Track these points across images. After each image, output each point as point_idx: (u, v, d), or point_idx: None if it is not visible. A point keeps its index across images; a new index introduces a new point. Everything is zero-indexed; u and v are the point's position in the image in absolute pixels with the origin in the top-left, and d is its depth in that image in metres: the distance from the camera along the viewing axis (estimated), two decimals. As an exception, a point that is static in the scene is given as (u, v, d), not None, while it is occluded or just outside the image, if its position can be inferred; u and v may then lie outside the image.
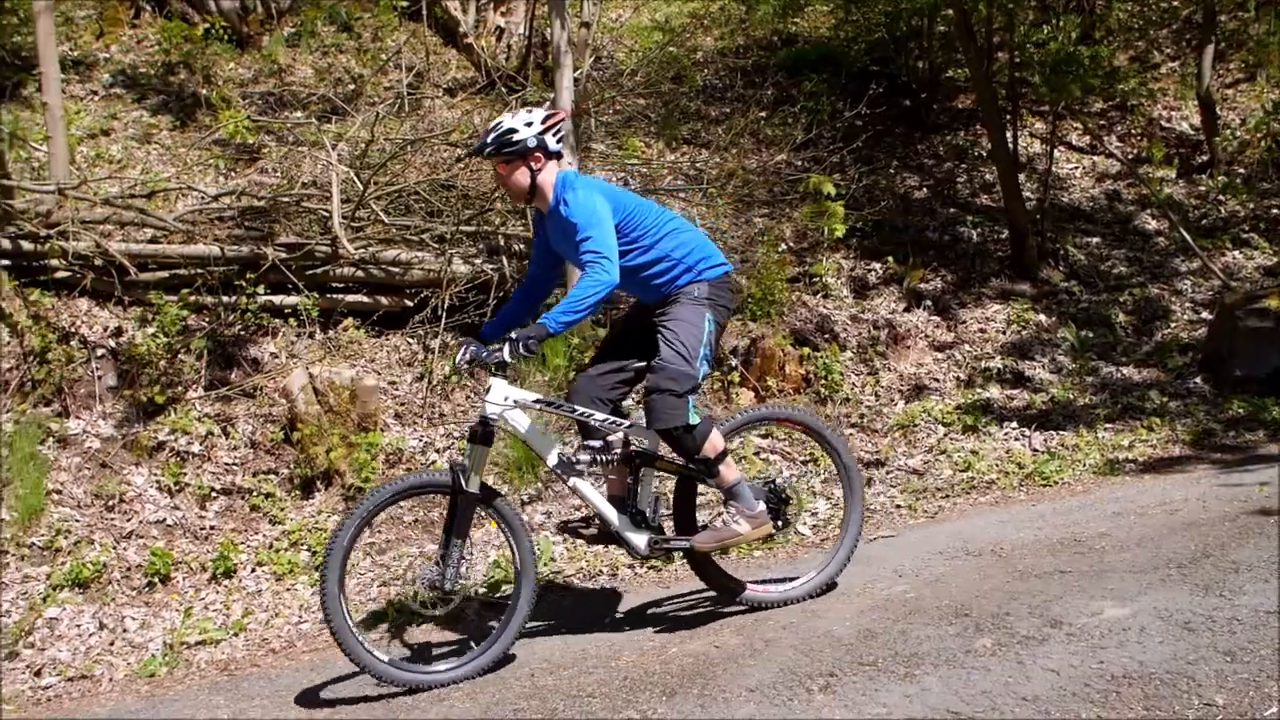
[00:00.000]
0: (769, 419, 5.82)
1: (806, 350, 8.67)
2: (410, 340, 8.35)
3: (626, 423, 5.13)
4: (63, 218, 7.97)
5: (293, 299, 8.14)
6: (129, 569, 6.66)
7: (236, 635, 6.17)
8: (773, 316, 8.83)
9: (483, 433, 4.87)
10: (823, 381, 8.56)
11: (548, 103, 8.96)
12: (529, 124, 4.96)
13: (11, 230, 7.98)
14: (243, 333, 8.08)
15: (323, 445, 7.19)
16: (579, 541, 6.21)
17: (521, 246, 8.59)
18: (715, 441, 5.00)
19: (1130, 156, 12.04)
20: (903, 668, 4.20)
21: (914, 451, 8.12)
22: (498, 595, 6.09)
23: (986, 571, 5.46)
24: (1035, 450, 8.09)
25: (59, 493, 7.00)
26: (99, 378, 7.68)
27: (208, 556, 6.75)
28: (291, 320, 8.16)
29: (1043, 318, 9.82)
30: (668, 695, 4.29)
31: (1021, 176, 11.02)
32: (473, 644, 5.02)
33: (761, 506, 5.12)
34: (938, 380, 9.01)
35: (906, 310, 9.70)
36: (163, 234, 8.30)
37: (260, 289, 8.04)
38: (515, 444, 7.35)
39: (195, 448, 7.43)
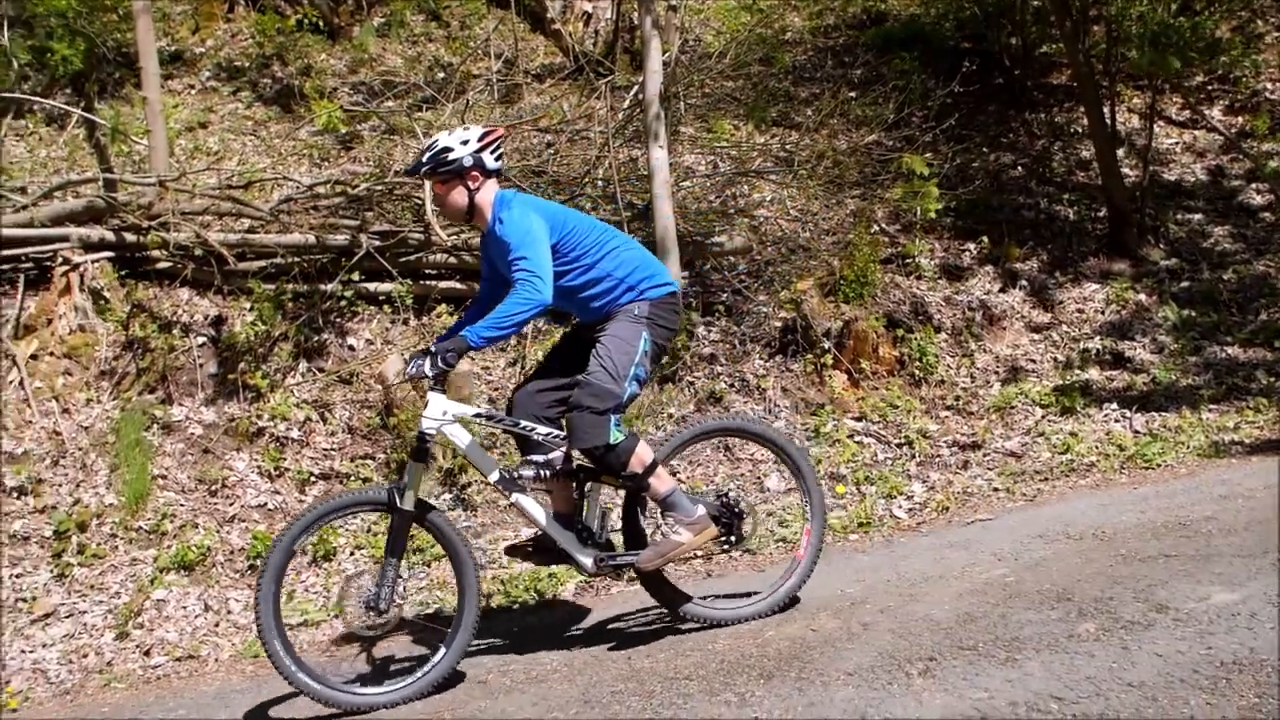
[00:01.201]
0: (712, 432, 5.55)
1: (900, 332, 8.57)
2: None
3: (564, 437, 5.00)
4: (163, 209, 8.13)
5: (387, 286, 8.23)
6: (232, 552, 6.79)
7: (337, 617, 6.26)
8: (865, 299, 8.74)
9: (418, 449, 4.79)
10: (917, 364, 8.47)
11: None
12: (465, 142, 4.87)
13: (115, 222, 8.16)
14: (338, 320, 8.18)
15: (418, 430, 7.25)
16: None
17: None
18: (642, 455, 4.85)
19: (1233, 130, 11.73)
20: (1004, 652, 4.14)
21: (1011, 434, 8.00)
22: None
23: (1088, 555, 5.37)
24: (1137, 432, 7.93)
25: (164, 478, 7.15)
26: (200, 365, 7.83)
27: (307, 540, 6.84)
28: (386, 307, 8.25)
29: (1143, 297, 9.61)
30: (765, 678, 4.26)
31: (1120, 152, 10.79)
32: (419, 664, 4.93)
33: (700, 510, 4.96)
34: (1034, 362, 8.86)
35: (1002, 291, 9.55)
36: (259, 224, 8.43)
37: (355, 276, 8.14)
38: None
39: (294, 433, 7.55)
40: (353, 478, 7.31)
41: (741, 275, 8.97)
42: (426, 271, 8.43)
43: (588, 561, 4.93)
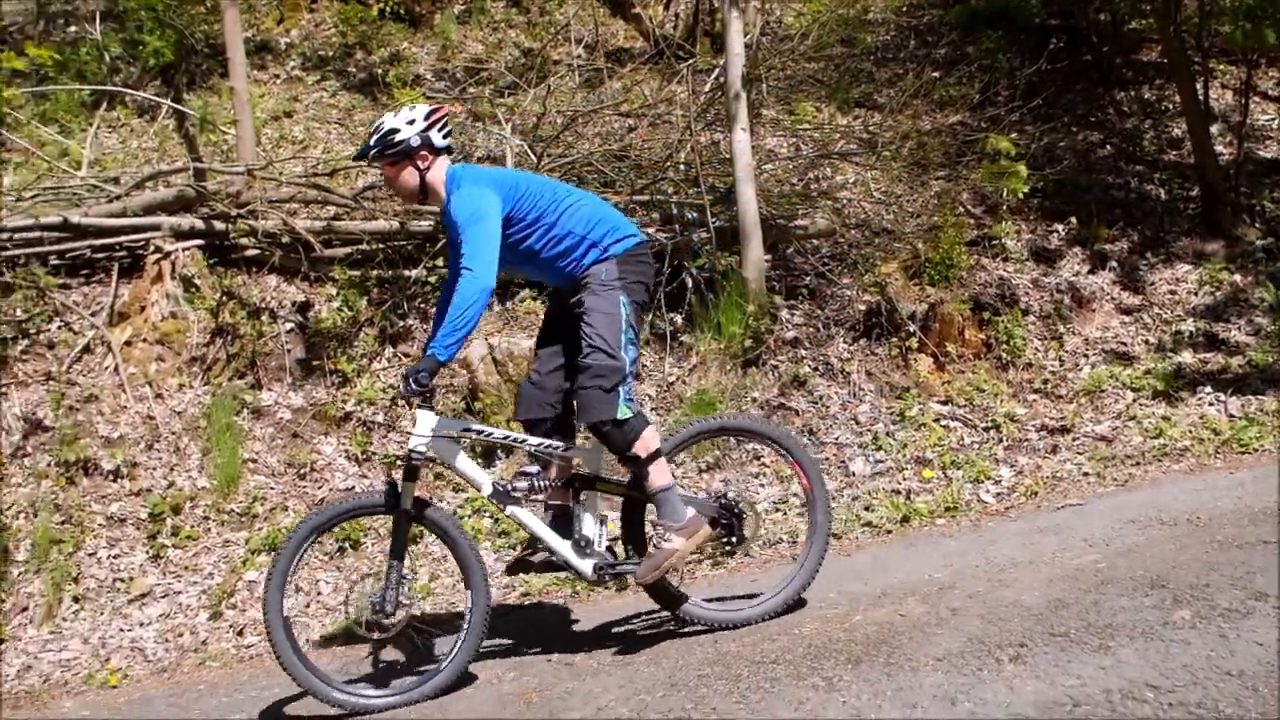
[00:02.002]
0: (712, 432, 5.43)
1: (986, 315, 8.46)
2: (586, 310, 8.40)
3: (561, 447, 4.96)
4: (251, 197, 8.26)
5: (471, 271, 8.27)
6: (321, 535, 6.86)
7: (424, 599, 6.32)
8: (951, 281, 8.64)
9: (409, 468, 4.76)
10: (1004, 347, 8.35)
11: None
12: (411, 122, 4.84)
13: (204, 211, 8.31)
14: (422, 305, 8.25)
15: (503, 414, 7.29)
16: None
17: (695, 215, 8.57)
18: (648, 441, 4.79)
19: (1331, 106, 11.42)
20: (1096, 639, 4.07)
21: (1101, 418, 7.86)
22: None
23: (1183, 541, 5.26)
24: (1232, 416, 7.75)
25: (254, 461, 7.26)
26: (288, 351, 7.94)
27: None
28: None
29: (1238, 278, 9.37)
30: (853, 663, 4.23)
31: (1213, 130, 10.54)
32: (429, 665, 4.94)
33: (690, 512, 4.86)
34: (1125, 344, 8.69)
35: (1091, 273, 9.38)
36: (345, 211, 8.52)
37: (439, 262, 8.20)
38: (695, 411, 7.36)
39: (380, 417, 7.63)
40: (435, 462, 7.36)
41: (825, 258, 8.91)
42: (510, 257, 8.46)
43: (587, 569, 4.88)
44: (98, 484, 7.27)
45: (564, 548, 4.88)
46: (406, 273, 8.19)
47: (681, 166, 9.02)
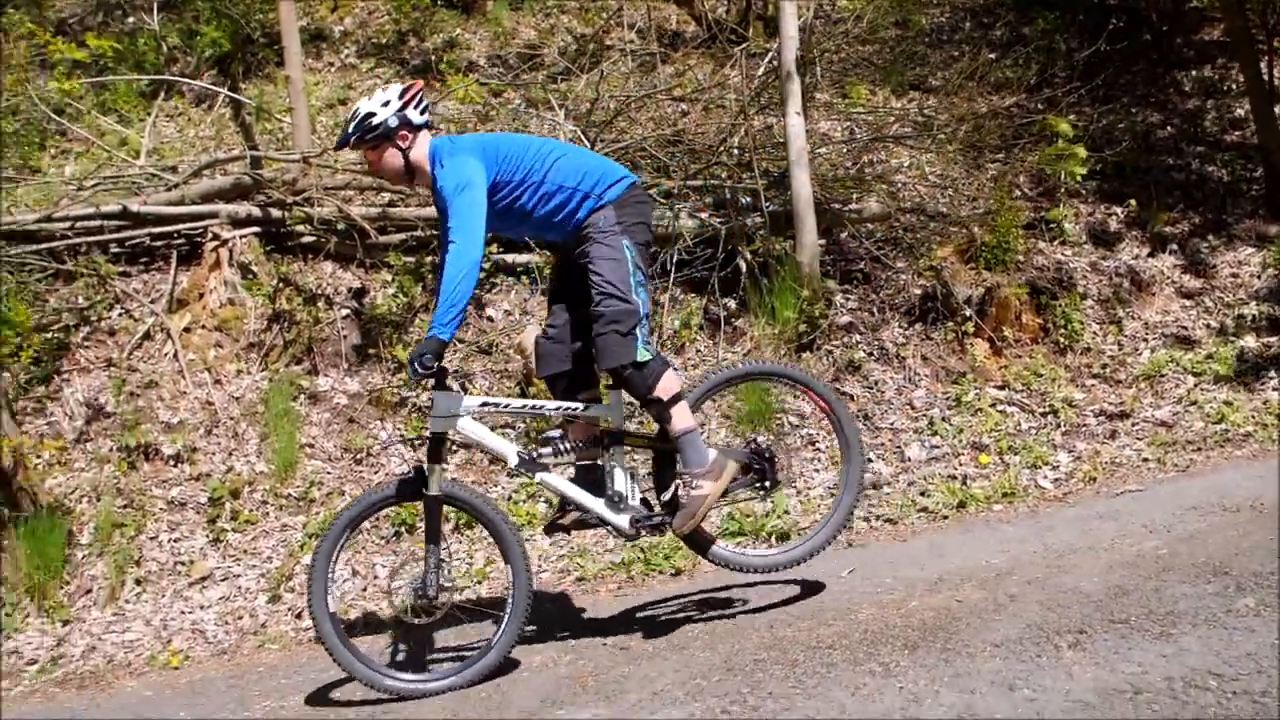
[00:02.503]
0: (741, 378, 5.40)
1: (1044, 299, 8.37)
2: (639, 295, 8.40)
3: (581, 407, 4.96)
4: (307, 185, 8.33)
5: (524, 257, 8.31)
6: (377, 519, 6.92)
7: (479, 583, 6.36)
8: (1008, 265, 8.55)
9: (434, 451, 4.76)
10: (1061, 331, 8.26)
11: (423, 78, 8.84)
12: (386, 103, 4.82)
13: (261, 198, 8.38)
14: (477, 291, 8.27)
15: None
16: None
17: (748, 199, 8.54)
18: (669, 384, 4.77)
19: (1399, 84, 11.18)
20: (1158, 626, 4.03)
21: (1161, 403, 7.76)
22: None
23: (1246, 529, 5.19)
24: (1296, 400, 7.64)
25: (311, 446, 7.33)
26: (344, 337, 8.00)
27: (448, 508, 6.95)
28: (523, 278, 8.33)
29: (1302, 260, 9.23)
30: (909, 649, 4.22)
31: (1277, 109, 10.35)
32: (473, 649, 4.96)
33: (713, 454, 4.85)
34: (1186, 328, 8.57)
35: (1150, 255, 9.25)
36: (399, 197, 8.57)
37: (492, 248, 8.23)
38: (749, 396, 7.35)
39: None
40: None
41: (879, 242, 8.85)
42: (564, 242, 8.47)
43: (624, 524, 4.88)
44: (158, 469, 7.37)
45: (598, 506, 4.89)
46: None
47: (735, 151, 8.99)
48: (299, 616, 6.34)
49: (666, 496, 5.00)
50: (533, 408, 5.09)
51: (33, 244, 8.18)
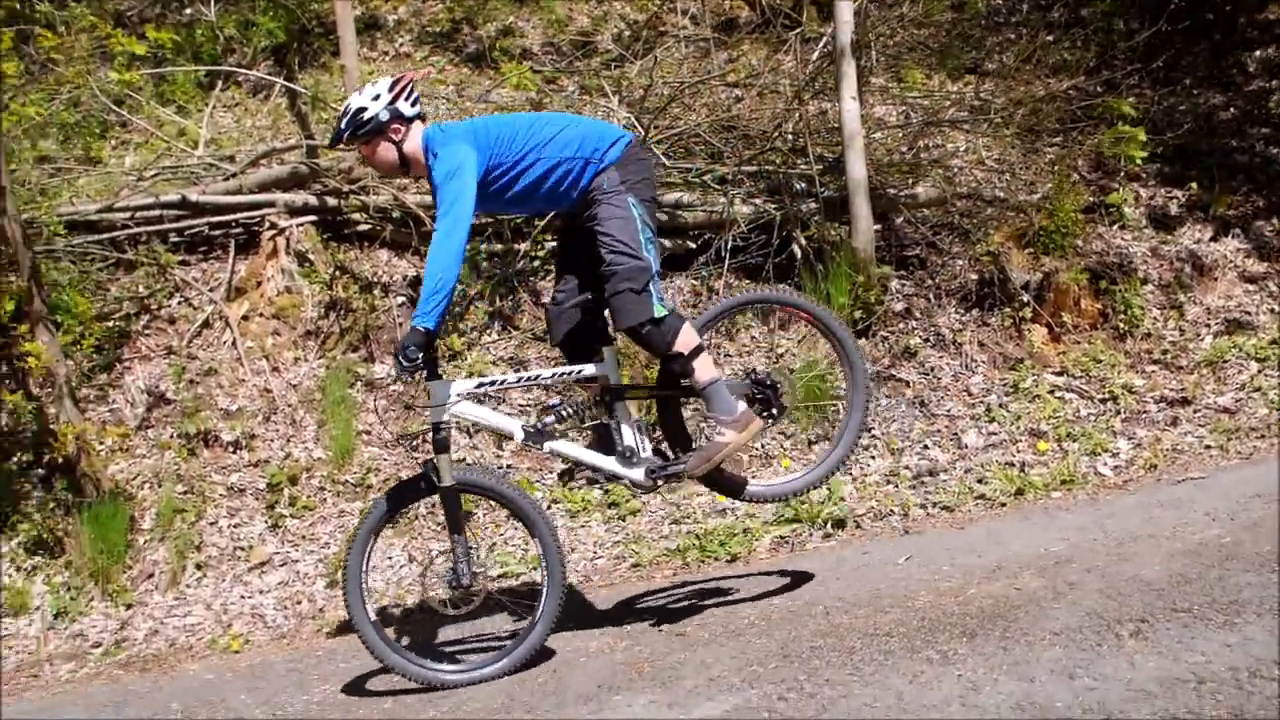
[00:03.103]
0: (747, 303, 5.39)
1: (1103, 284, 8.26)
2: (694, 281, 8.40)
3: (578, 370, 4.94)
4: (362, 173, 8.37)
5: (579, 244, 8.30)
6: (433, 505, 6.96)
7: (534, 570, 6.38)
8: (1066, 250, 8.44)
9: (438, 440, 4.75)
10: (1121, 316, 8.15)
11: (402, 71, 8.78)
12: (376, 97, 4.80)
13: (317, 187, 8.45)
14: (532, 279, 8.30)
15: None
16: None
17: (803, 185, 8.50)
18: (687, 337, 4.75)
19: None
20: (1221, 615, 3.97)
21: (1224, 389, 7.64)
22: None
23: (1312, 516, 5.11)
24: (1362, 387, 7.50)
25: (367, 433, 7.39)
26: (400, 324, 8.04)
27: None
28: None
29: (1369, 244, 9.05)
30: (968, 636, 4.19)
31: (1344, 90, 10.17)
32: (509, 639, 4.96)
33: (742, 406, 4.83)
34: (1249, 313, 8.42)
35: (1213, 239, 9.10)
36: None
37: (547, 236, 8.24)
38: (802, 384, 7.32)
39: (490, 390, 7.67)
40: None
41: (935, 227, 8.78)
42: (617, 229, 8.46)
43: (639, 476, 4.88)
44: (218, 455, 7.46)
45: (610, 463, 4.90)
46: (516, 246, 8.24)
47: (789, 136, 8.95)
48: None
49: (677, 444, 5.04)
50: (529, 378, 5.13)
51: (94, 234, 8.31)
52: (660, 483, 4.97)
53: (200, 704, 5.17)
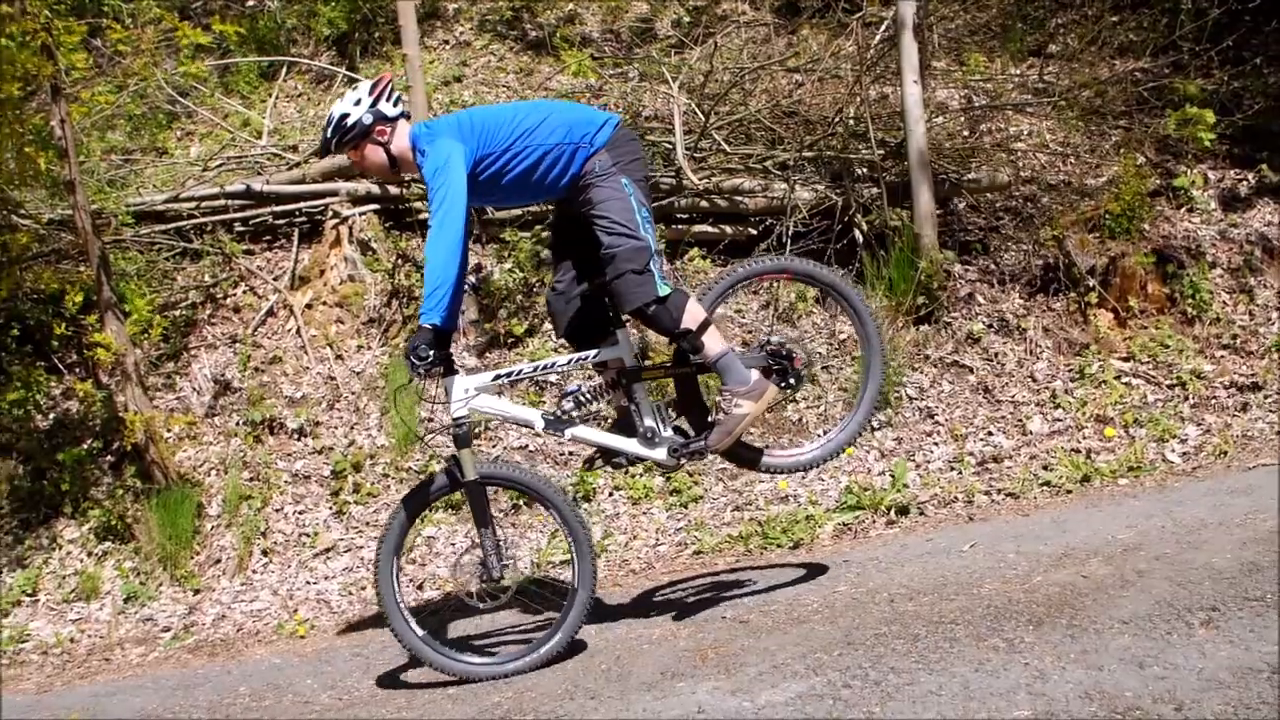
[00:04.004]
0: (757, 274, 5.25)
1: (1170, 268, 8.13)
2: (755, 268, 8.36)
3: (592, 354, 4.93)
4: (422, 161, 8.40)
5: (641, 233, 8.29)
6: (495, 492, 7.00)
7: (598, 556, 6.41)
8: (1132, 233, 8.32)
9: (459, 435, 4.75)
10: (1189, 301, 8.02)
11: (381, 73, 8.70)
12: (358, 101, 4.79)
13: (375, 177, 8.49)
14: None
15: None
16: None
17: (864, 170, 8.44)
18: (694, 312, 4.71)
19: None
20: (1295, 604, 3.92)
21: (1296, 374, 7.51)
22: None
23: (1387, 502, 5.02)
24: None
25: (430, 420, 7.43)
26: (462, 313, 8.07)
27: (568, 481, 7.01)
28: (641, 253, 8.31)
29: None
30: (1034, 625, 4.16)
31: None
32: (539, 632, 4.97)
33: (755, 375, 4.79)
34: (1322, 297, 8.28)
35: (1283, 222, 8.95)
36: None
37: (608, 222, 8.24)
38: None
39: (551, 376, 7.70)
40: (609, 420, 7.41)
41: (999, 212, 8.69)
42: (678, 216, 8.46)
43: (662, 456, 4.89)
44: (283, 442, 7.55)
45: (632, 445, 4.91)
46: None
47: (850, 121, 8.88)
48: (420, 587, 6.46)
49: (696, 421, 5.00)
50: (545, 367, 5.10)
51: (162, 224, 8.43)
52: (684, 461, 4.99)
53: (267, 688, 5.25)
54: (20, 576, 7.06)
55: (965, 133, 9.24)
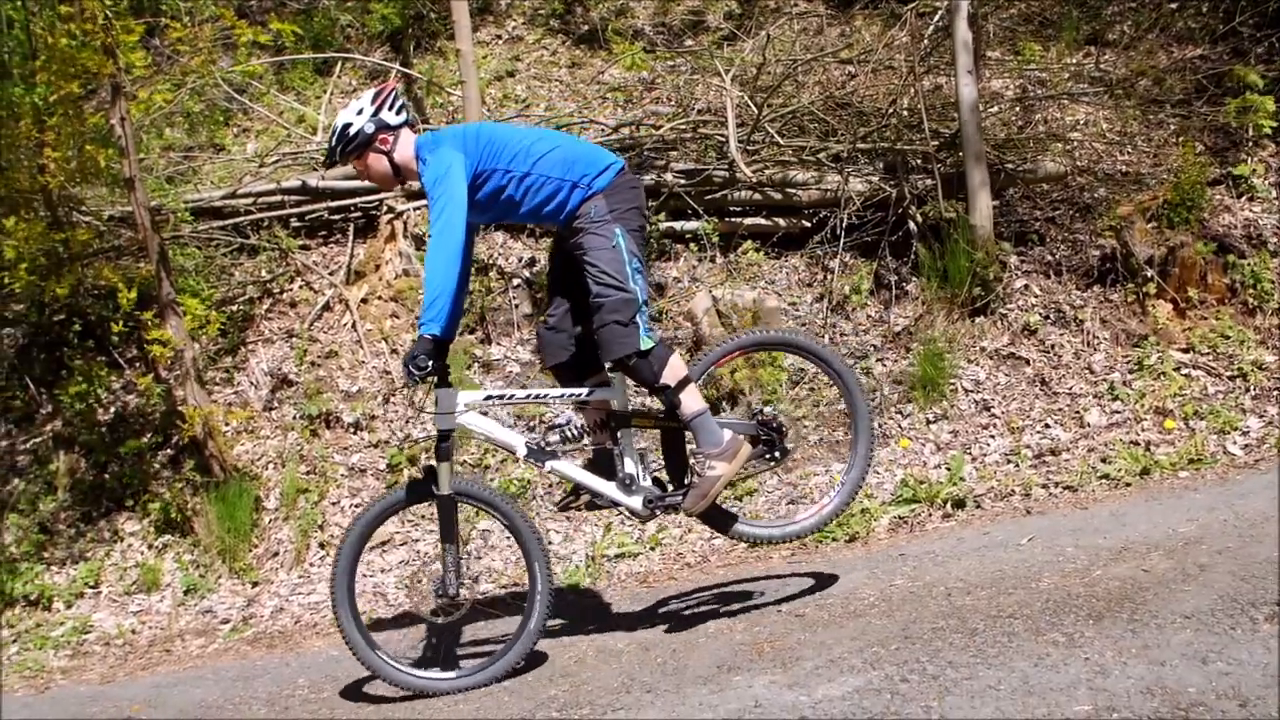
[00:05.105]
0: (748, 346, 5.27)
1: (1231, 258, 8.02)
2: (809, 261, 8.35)
3: (585, 392, 4.89)
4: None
5: (693, 224, 8.30)
6: (551, 485, 7.03)
7: (653, 549, 6.43)
8: (1192, 223, 8.21)
9: (442, 448, 4.73)
10: (1250, 291, 7.89)
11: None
12: (360, 111, 4.81)
13: (431, 171, 8.53)
14: (646, 259, 8.30)
15: (727, 366, 7.29)
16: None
17: (919, 161, 8.39)
18: (675, 368, 4.70)
19: None
20: (1363, 598, 3.86)
21: (1360, 365, 7.39)
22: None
23: None
24: None
25: (484, 415, 7.46)
26: (515, 306, 8.11)
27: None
28: (692, 245, 8.32)
29: None
30: (1094, 619, 4.12)
31: None
32: (498, 645, 4.94)
33: (728, 434, 4.77)
34: (1387, 286, 8.13)
35: (1348, 210, 8.80)
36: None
37: (662, 216, 8.25)
38: (922, 361, 7.26)
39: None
40: (665, 414, 7.41)
41: (1055, 202, 8.60)
42: (732, 208, 8.45)
43: (637, 505, 4.87)
44: (339, 436, 7.61)
45: (609, 489, 4.89)
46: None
47: (904, 112, 8.83)
48: (475, 580, 6.48)
49: (686, 478, 4.99)
50: (537, 396, 5.08)
51: (219, 220, 8.52)
52: (658, 513, 4.98)
53: (326, 680, 5.30)
54: (83, 569, 7.18)
55: (1020, 123, 9.16)
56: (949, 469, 6.66)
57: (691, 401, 4.77)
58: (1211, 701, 3.32)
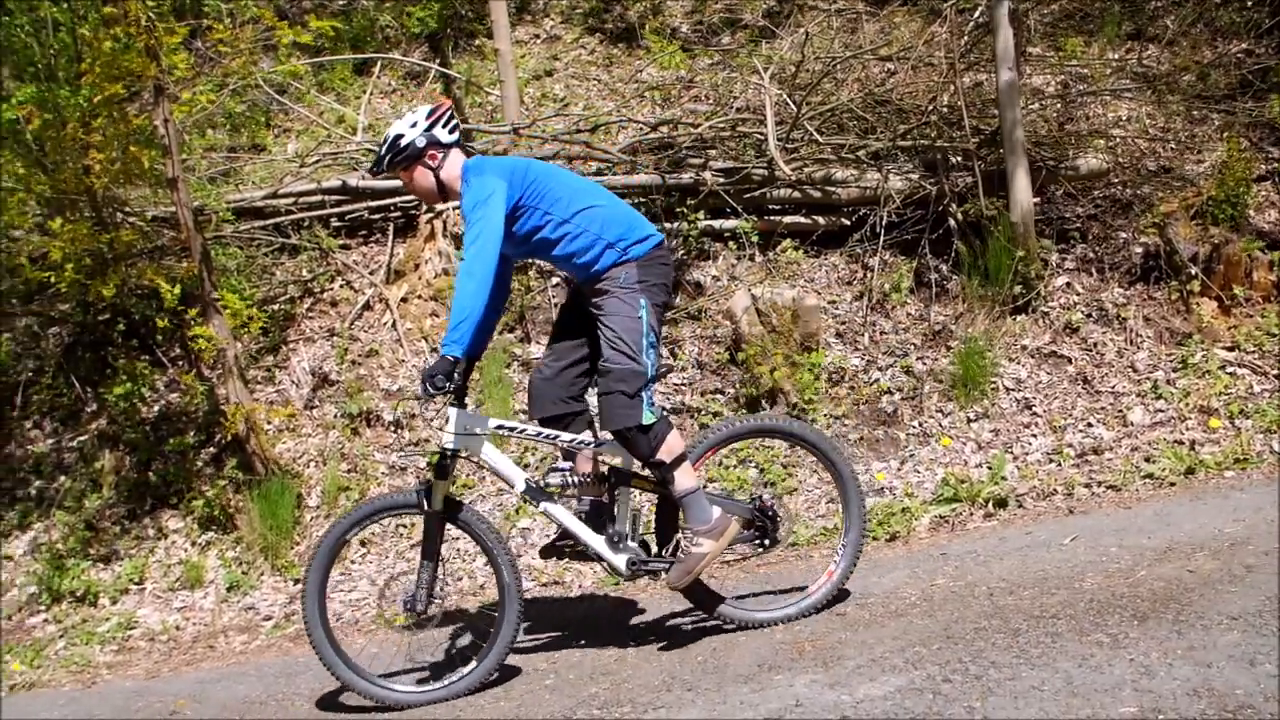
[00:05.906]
0: (747, 434, 5.30)
1: (1277, 255, 7.93)
2: (849, 259, 8.32)
3: (593, 443, 4.88)
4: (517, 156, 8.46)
5: (732, 222, 8.29)
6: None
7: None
8: (1237, 220, 8.13)
9: (440, 466, 4.74)
10: (1297, 288, 7.82)
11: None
12: (414, 125, 4.80)
13: (472, 169, 8.56)
14: (685, 257, 8.30)
15: (766, 365, 7.28)
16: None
17: (959, 159, 8.34)
18: (672, 445, 4.67)
19: None
20: None
21: None
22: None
23: None
24: None
25: (523, 413, 7.47)
26: (555, 305, 8.12)
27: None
28: (731, 243, 8.31)
29: None
30: (1139, 619, 4.09)
31: None
32: (462, 662, 4.90)
33: (717, 511, 4.74)
34: None
35: (1396, 207, 8.69)
36: (607, 166, 8.65)
37: (700, 214, 8.24)
38: (963, 359, 7.22)
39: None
40: (703, 412, 7.43)
41: (1097, 199, 8.54)
42: (771, 207, 8.44)
43: (621, 564, 4.85)
44: (379, 434, 7.65)
45: (597, 543, 4.86)
46: (669, 225, 8.25)
47: (944, 110, 8.78)
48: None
49: (669, 546, 4.97)
50: (547, 435, 5.01)
51: (260, 219, 8.58)
52: (639, 576, 4.97)
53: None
54: (128, 565, 7.25)
55: (1062, 119, 9.09)
56: (990, 468, 6.62)
57: (684, 479, 4.75)
58: (1260, 704, 3.28)
